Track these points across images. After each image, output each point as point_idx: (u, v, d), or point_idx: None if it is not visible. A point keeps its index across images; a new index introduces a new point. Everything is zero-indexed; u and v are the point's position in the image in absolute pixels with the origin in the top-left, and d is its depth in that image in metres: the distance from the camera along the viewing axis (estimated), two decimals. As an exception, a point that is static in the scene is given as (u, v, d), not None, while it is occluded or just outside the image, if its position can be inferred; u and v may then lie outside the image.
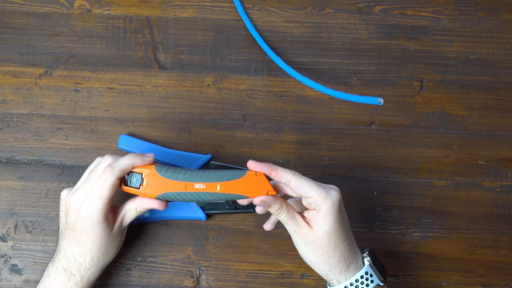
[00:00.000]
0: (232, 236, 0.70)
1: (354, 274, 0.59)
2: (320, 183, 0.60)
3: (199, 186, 0.59)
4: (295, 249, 0.70)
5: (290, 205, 0.60)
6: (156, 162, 0.61)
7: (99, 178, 0.58)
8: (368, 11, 0.76)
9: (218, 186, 0.59)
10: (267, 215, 0.71)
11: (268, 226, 0.65)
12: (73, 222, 0.59)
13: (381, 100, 0.58)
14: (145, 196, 0.59)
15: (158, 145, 0.71)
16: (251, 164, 0.59)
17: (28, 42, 0.74)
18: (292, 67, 0.69)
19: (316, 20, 0.76)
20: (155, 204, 0.59)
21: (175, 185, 0.58)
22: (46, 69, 0.73)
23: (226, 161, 0.72)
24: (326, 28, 0.76)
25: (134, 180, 0.59)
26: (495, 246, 0.71)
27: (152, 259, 0.70)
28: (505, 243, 0.71)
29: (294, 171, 0.59)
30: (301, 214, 0.60)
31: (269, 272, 0.70)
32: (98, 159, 0.62)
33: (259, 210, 0.61)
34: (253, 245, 0.70)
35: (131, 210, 0.61)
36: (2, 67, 0.73)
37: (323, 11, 0.76)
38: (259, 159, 0.72)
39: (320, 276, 0.69)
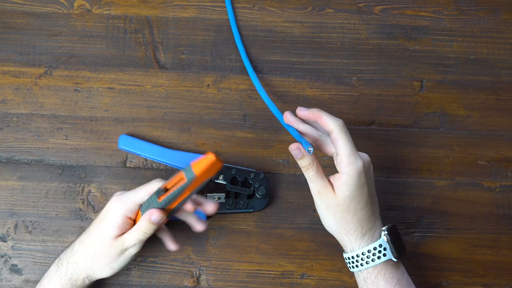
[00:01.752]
0: (232, 236, 0.70)
1: (367, 244, 0.60)
2: (354, 147, 0.59)
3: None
4: (295, 249, 0.70)
5: (320, 166, 0.60)
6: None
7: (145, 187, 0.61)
8: (368, 11, 0.76)
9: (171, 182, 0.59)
10: (266, 215, 0.71)
11: (172, 246, 0.64)
12: (100, 212, 0.62)
13: (310, 149, 0.59)
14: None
15: (158, 145, 0.71)
16: (297, 111, 0.61)
17: (28, 42, 0.74)
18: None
19: (316, 20, 0.76)
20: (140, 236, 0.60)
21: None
22: (46, 69, 0.73)
23: (226, 161, 0.72)
24: (326, 28, 0.76)
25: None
26: (495, 246, 0.71)
27: (152, 259, 0.70)
28: (505, 243, 0.71)
29: (341, 123, 0.59)
30: (326, 177, 0.61)
31: (269, 272, 0.70)
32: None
33: (293, 153, 0.60)
34: (253, 245, 0.70)
35: (134, 231, 0.60)
36: (2, 67, 0.73)
37: (323, 11, 0.76)
38: (259, 159, 0.72)
39: (320, 276, 0.69)
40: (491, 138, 0.74)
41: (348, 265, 0.62)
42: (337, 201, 0.59)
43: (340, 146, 0.58)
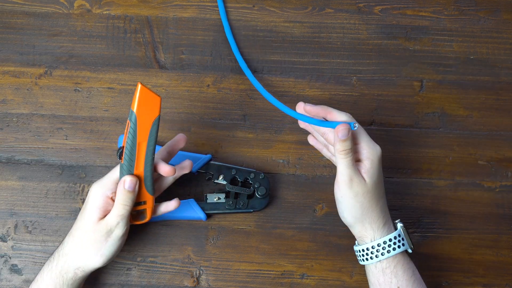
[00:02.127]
0: (232, 236, 0.70)
1: (387, 234, 0.61)
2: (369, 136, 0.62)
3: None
4: (295, 249, 0.70)
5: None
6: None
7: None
8: (368, 11, 0.76)
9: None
10: (266, 215, 0.71)
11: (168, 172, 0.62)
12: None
13: (356, 125, 0.59)
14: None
15: (159, 144, 0.71)
16: (304, 107, 0.63)
17: (28, 42, 0.74)
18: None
19: (316, 20, 0.76)
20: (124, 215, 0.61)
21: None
22: (46, 69, 0.73)
23: (226, 161, 0.72)
24: (326, 28, 0.76)
25: (141, 216, 0.63)
26: (495, 246, 0.71)
27: (152, 259, 0.70)
28: (505, 243, 0.71)
29: (350, 116, 0.61)
30: None
31: (269, 272, 0.70)
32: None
33: (341, 132, 0.59)
34: (253, 245, 0.70)
35: (114, 210, 0.60)
36: (2, 67, 0.73)
37: (323, 11, 0.76)
38: (259, 159, 0.72)
39: (320, 276, 0.69)
40: (491, 138, 0.74)
41: (364, 256, 0.62)
42: (367, 188, 0.60)
43: (358, 135, 0.61)
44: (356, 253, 0.64)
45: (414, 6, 0.77)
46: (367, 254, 0.61)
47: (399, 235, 0.61)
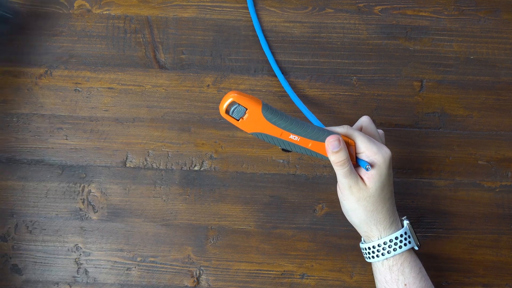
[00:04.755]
0: (232, 236, 0.70)
1: (394, 232, 0.61)
2: (372, 139, 0.61)
3: (293, 138, 0.60)
4: (295, 249, 0.70)
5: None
6: (264, 103, 0.61)
7: None
8: (368, 11, 0.76)
9: (310, 144, 0.60)
10: (266, 215, 0.71)
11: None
12: None
13: (368, 167, 0.60)
14: (241, 128, 0.61)
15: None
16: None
17: (28, 42, 0.74)
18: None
19: (316, 20, 0.76)
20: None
21: (272, 129, 0.60)
22: (46, 69, 0.73)
23: (226, 161, 0.72)
24: (326, 28, 0.76)
25: (237, 111, 0.61)
26: (495, 246, 0.71)
27: (152, 259, 0.70)
28: (505, 243, 0.71)
29: (369, 118, 0.63)
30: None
31: (269, 272, 0.70)
32: None
33: (331, 144, 0.60)
34: (253, 245, 0.70)
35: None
36: (2, 67, 0.73)
37: (323, 11, 0.76)
38: (259, 159, 0.72)
39: (320, 276, 0.69)
40: (491, 138, 0.74)
41: (371, 254, 0.62)
42: (369, 193, 0.60)
43: (358, 143, 0.60)
44: (362, 251, 0.63)
45: (414, 6, 0.77)
46: (373, 252, 0.61)
47: (405, 233, 0.61)
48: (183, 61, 0.74)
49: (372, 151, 0.59)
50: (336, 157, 0.59)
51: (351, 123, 0.73)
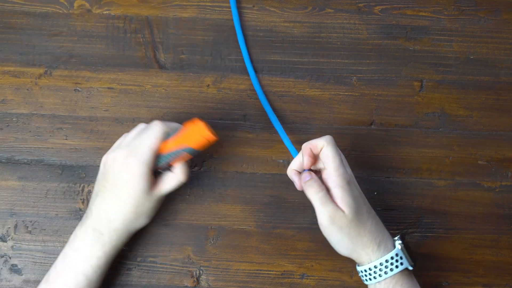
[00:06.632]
0: (232, 236, 0.70)
1: (384, 255, 0.60)
2: (342, 161, 0.61)
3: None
4: (295, 249, 0.70)
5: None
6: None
7: (149, 131, 0.61)
8: (368, 11, 0.76)
9: (169, 143, 0.62)
10: (266, 215, 0.71)
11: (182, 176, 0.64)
12: (116, 175, 0.61)
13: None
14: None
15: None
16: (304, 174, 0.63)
17: (28, 42, 0.74)
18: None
19: (316, 20, 0.76)
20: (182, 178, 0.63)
21: (164, 146, 0.62)
22: (46, 69, 0.73)
23: (226, 161, 0.72)
24: (326, 28, 0.76)
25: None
26: (495, 246, 0.71)
27: (152, 259, 0.70)
28: (505, 243, 0.71)
29: (329, 139, 0.61)
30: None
31: (269, 272, 0.70)
32: (141, 124, 0.64)
33: (303, 177, 0.62)
34: (253, 245, 0.70)
35: (171, 180, 0.63)
36: (2, 67, 0.73)
37: (323, 11, 0.76)
38: (259, 159, 0.72)
39: (320, 276, 0.69)
40: (491, 138, 0.74)
41: (364, 277, 0.62)
42: (348, 219, 0.59)
43: (324, 163, 0.61)
44: (359, 274, 0.63)
45: (414, 6, 0.77)
46: (365, 275, 0.61)
47: (396, 255, 0.60)
48: (183, 61, 0.74)
49: (335, 173, 0.60)
50: (309, 187, 0.60)
51: (351, 123, 0.73)
